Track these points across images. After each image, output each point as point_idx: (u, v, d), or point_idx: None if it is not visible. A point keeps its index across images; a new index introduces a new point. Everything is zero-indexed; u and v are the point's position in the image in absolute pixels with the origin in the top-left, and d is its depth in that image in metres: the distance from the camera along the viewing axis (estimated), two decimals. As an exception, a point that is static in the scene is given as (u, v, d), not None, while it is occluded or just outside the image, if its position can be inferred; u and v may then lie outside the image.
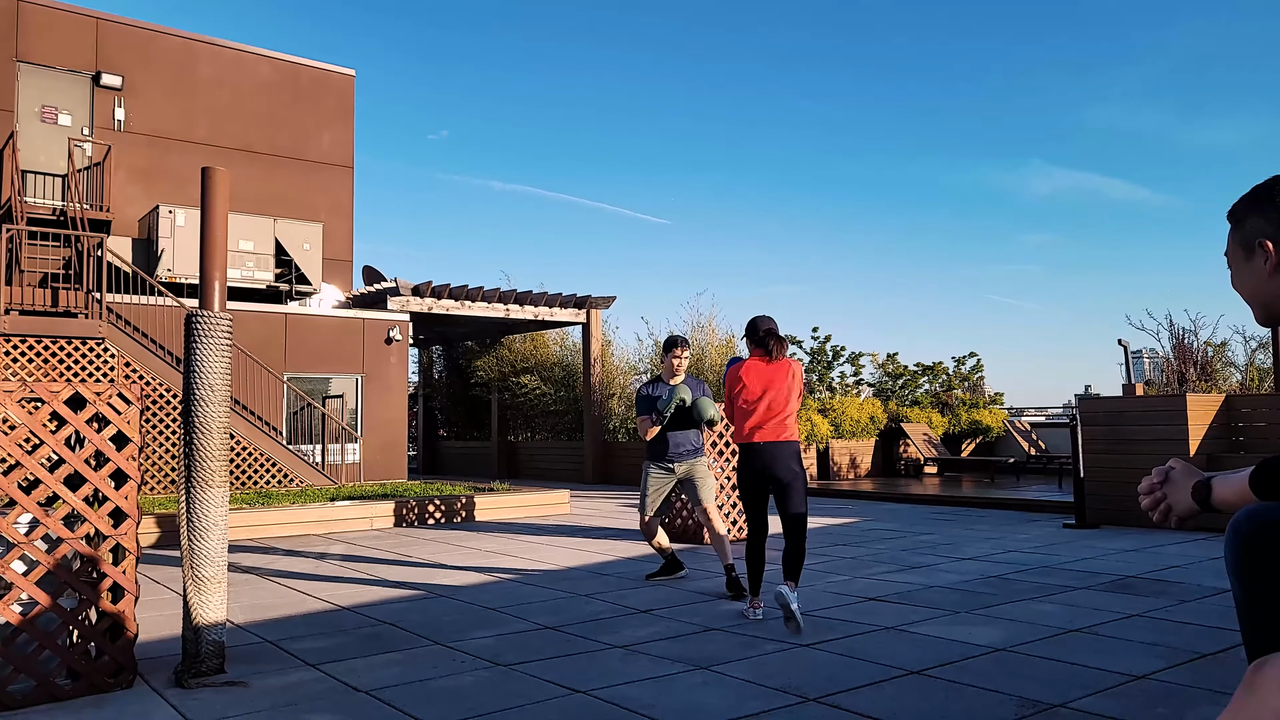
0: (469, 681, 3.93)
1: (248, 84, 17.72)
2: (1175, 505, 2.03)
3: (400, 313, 15.95)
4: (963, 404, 18.18)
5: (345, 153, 18.81)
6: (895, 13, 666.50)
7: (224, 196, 4.42)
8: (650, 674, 4.01)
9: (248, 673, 4.07)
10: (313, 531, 9.52)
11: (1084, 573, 6.51)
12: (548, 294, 17.71)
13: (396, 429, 15.73)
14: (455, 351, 22.73)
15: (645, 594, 5.95)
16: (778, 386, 5.14)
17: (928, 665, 4.08)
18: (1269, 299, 2.01)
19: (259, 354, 13.96)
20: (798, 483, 5.08)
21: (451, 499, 10.73)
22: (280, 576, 6.79)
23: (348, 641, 4.69)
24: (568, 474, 18.48)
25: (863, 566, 6.93)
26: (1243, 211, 2.05)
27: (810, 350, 18.41)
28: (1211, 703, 3.48)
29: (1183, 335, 15.79)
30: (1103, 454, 9.62)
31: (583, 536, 9.08)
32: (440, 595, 5.98)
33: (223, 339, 4.21)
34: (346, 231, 18.61)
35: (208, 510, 4.05)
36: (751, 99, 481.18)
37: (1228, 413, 9.65)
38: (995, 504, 11.66)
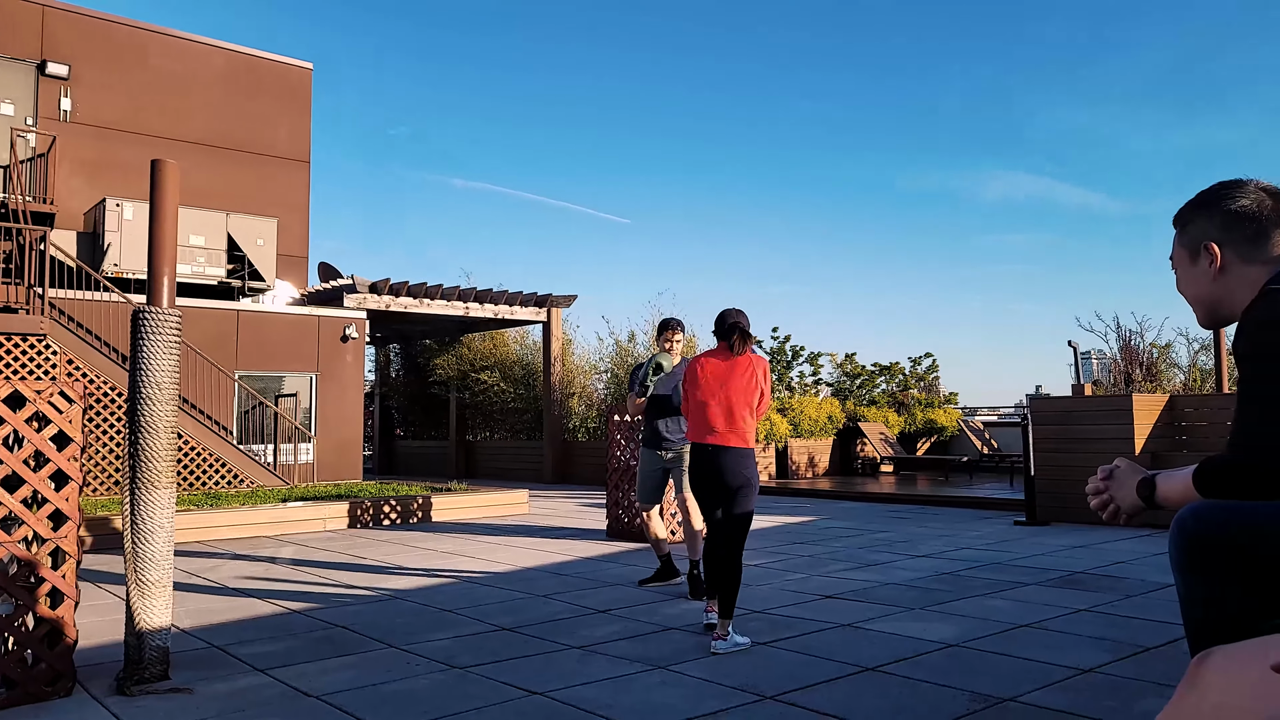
0: (423, 685, 3.88)
1: (201, 76, 17.38)
2: (1121, 503, 2.07)
3: (357, 310, 15.75)
4: (918, 403, 18.41)
5: (301, 147, 18.53)
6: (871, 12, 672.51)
7: (174, 190, 4.31)
8: (608, 674, 4.00)
9: (193, 679, 3.98)
10: (263, 533, 9.36)
11: (1034, 569, 6.62)
12: (508, 292, 17.60)
13: (351, 428, 15.53)
14: (413, 350, 22.52)
15: (603, 594, 5.93)
16: (736, 385, 4.77)
17: (883, 661, 4.12)
18: (1213, 301, 2.05)
19: (210, 352, 13.70)
20: (746, 489, 4.69)
21: (407, 499, 10.62)
22: (229, 580, 6.66)
23: (298, 645, 4.61)
24: (527, 474, 18.39)
25: (820, 564, 6.98)
26: (1188, 216, 2.09)
27: (770, 350, 18.53)
28: (1156, 695, 3.55)
29: (1129, 337, 16.14)
30: (1052, 452, 9.79)
31: (541, 537, 9.03)
32: (394, 597, 5.91)
33: (171, 336, 4.11)
34: (302, 227, 18.33)
35: (153, 512, 3.95)
36: (715, 97, 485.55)
37: (1171, 412, 9.88)
38: (949, 502, 11.82)
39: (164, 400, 4.04)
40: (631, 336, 18.26)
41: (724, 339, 4.86)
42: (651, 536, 6.37)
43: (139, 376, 4.03)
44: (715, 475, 4.72)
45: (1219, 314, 2.06)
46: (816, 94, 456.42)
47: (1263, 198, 1.97)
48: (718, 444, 4.72)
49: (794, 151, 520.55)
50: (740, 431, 4.73)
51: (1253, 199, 1.97)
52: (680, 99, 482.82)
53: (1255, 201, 1.96)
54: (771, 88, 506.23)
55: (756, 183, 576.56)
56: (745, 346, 4.83)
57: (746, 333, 4.84)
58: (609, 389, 18.32)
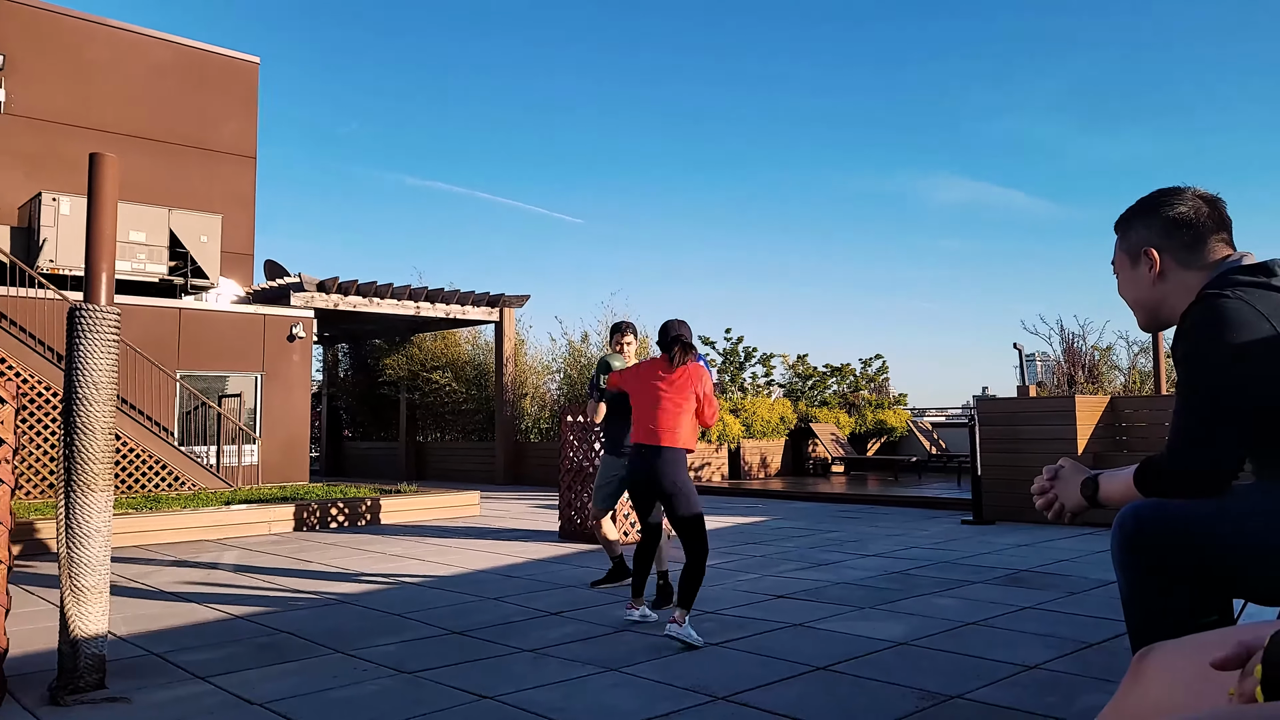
0: (371, 690, 3.82)
1: (144, 68, 16.97)
2: (1066, 502, 2.11)
3: (304, 309, 15.49)
4: (869, 404, 18.64)
5: (248, 142, 18.19)
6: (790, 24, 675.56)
7: (113, 184, 4.19)
8: (560, 677, 3.97)
9: (131, 688, 3.87)
10: (206, 537, 9.15)
11: (981, 567, 6.73)
12: (460, 292, 17.46)
13: (298, 429, 15.27)
14: (362, 349, 22.22)
15: (556, 596, 5.89)
16: (673, 396, 4.83)
17: (834, 660, 4.15)
18: (1152, 305, 2.10)
19: (150, 351, 13.37)
20: (679, 494, 4.72)
21: (356, 501, 10.46)
22: (169, 585, 6.50)
23: (241, 652, 4.51)
24: (478, 475, 18.25)
25: (771, 564, 7.02)
26: (1129, 222, 2.13)
27: (723, 351, 18.62)
28: (1098, 690, 3.63)
29: (1072, 340, 16.55)
30: (999, 453, 9.97)
31: (493, 539, 8.96)
32: (341, 601, 5.81)
33: (109, 334, 3.99)
34: (248, 224, 17.99)
35: (89, 516, 3.83)
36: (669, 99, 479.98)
37: (1113, 413, 10.13)
38: (898, 501, 11.98)
39: (101, 400, 3.93)
40: (585, 337, 18.24)
41: (665, 351, 4.94)
42: (603, 539, 6.36)
43: (75, 376, 3.91)
44: (648, 480, 4.80)
45: (1158, 317, 2.11)
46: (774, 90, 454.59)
47: (1200, 205, 2.02)
48: (650, 445, 4.80)
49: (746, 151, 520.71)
50: (673, 433, 4.80)
51: (1190, 206, 2.02)
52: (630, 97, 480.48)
53: (1193, 209, 2.01)
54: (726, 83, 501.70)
55: (706, 183, 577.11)
56: (686, 358, 4.90)
57: (688, 345, 4.92)
58: (562, 390, 18.27)
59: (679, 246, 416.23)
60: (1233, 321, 1.79)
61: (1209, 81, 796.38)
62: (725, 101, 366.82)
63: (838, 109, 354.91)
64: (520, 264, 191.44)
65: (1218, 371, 1.80)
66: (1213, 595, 1.81)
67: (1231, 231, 2.03)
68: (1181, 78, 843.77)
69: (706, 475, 15.68)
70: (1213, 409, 1.81)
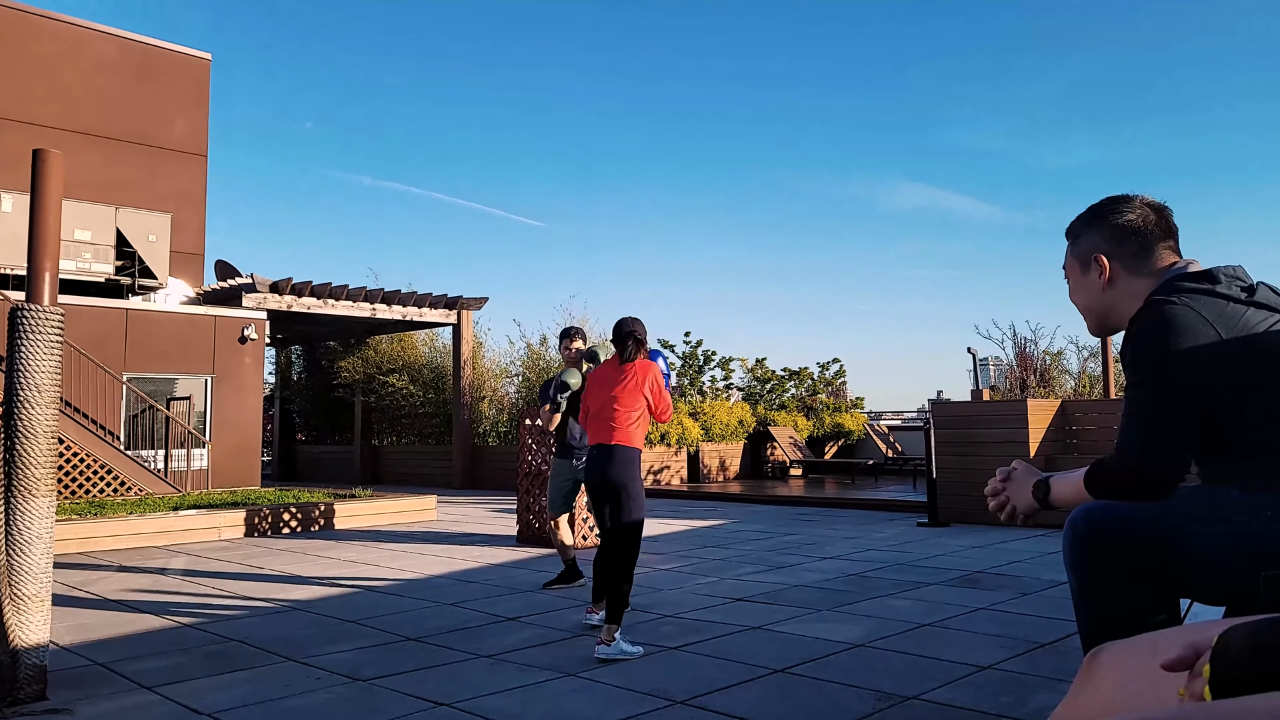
0: (324, 699, 3.75)
1: (91, 64, 16.59)
2: (1018, 504, 2.14)
3: (256, 310, 15.23)
4: (826, 408, 18.80)
5: (198, 140, 17.85)
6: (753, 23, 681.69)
7: (58, 181, 4.08)
8: (518, 683, 3.93)
9: (74, 699, 3.76)
10: (153, 544, 8.95)
11: (936, 569, 6.81)
12: (417, 294, 17.29)
13: (250, 433, 15.00)
14: (317, 352, 21.90)
15: (513, 601, 5.85)
16: (622, 391, 4.81)
17: (792, 663, 4.16)
18: (1102, 311, 2.14)
19: (95, 352, 13.05)
20: (625, 494, 4.66)
21: (309, 506, 10.30)
22: (114, 593, 6.34)
23: (189, 661, 4.41)
24: (435, 479, 18.08)
25: (730, 567, 7.04)
26: (1079, 229, 2.17)
27: (682, 355, 18.66)
28: (1050, 690, 3.68)
29: (1024, 344, 16.83)
30: (953, 456, 10.10)
31: (449, 543, 8.88)
32: (294, 608, 5.71)
33: (52, 335, 3.88)
34: (198, 223, 17.66)
35: (30, 522, 3.72)
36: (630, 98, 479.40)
37: (1063, 417, 10.32)
38: (855, 504, 12.09)
39: (44, 403, 3.82)
40: (543, 340, 18.17)
41: (618, 348, 4.93)
42: (558, 542, 6.36)
43: (16, 378, 3.80)
44: (601, 477, 4.77)
45: (1108, 323, 2.15)
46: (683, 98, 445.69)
47: (1148, 213, 2.06)
48: (601, 443, 4.79)
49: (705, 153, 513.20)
50: (623, 430, 4.77)
51: (1138, 214, 2.06)
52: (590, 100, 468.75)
53: (1141, 216, 2.06)
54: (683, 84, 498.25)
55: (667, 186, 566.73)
56: (637, 354, 4.88)
57: (640, 341, 4.89)
58: (520, 393, 18.18)
59: (639, 250, 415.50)
60: (1179, 327, 1.83)
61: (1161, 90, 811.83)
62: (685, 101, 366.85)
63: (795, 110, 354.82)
64: (478, 266, 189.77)
65: (1164, 376, 1.84)
66: (1161, 596, 1.85)
67: (1178, 239, 2.08)
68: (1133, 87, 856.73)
69: (665, 479, 15.70)
70: (1160, 412, 1.85)
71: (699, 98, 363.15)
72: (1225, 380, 1.82)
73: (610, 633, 4.35)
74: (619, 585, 4.50)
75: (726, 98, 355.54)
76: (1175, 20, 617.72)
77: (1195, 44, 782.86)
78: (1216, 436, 1.87)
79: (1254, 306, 1.88)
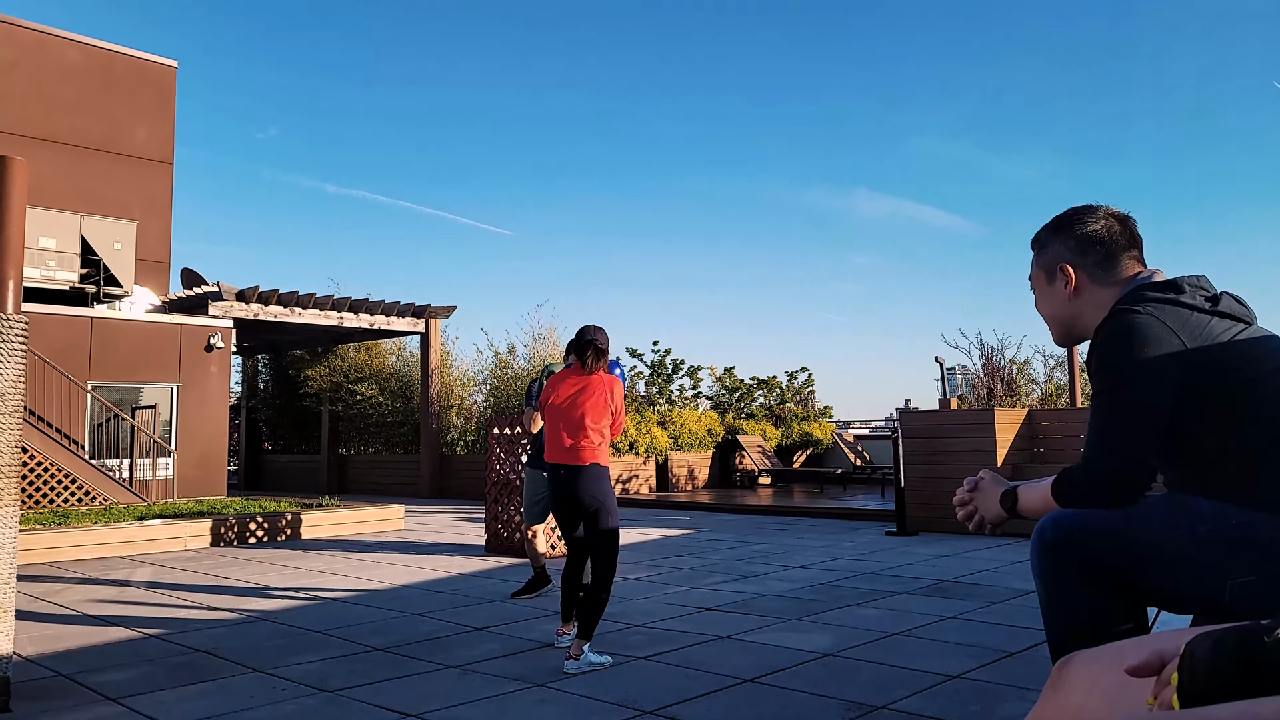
0: (290, 710, 3.71)
1: (52, 69, 16.33)
2: (986, 514, 2.15)
3: (223, 319, 15.05)
4: (795, 417, 18.88)
5: (164, 147, 17.63)
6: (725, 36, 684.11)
7: (22, 188, 4.03)
8: (486, 694, 3.91)
9: (37, 710, 3.69)
10: (117, 554, 8.80)
11: (904, 578, 6.86)
12: (384, 302, 17.16)
13: (216, 442, 14.80)
14: (283, 360, 21.66)
15: (481, 611, 5.82)
16: (585, 404, 4.61)
17: (761, 673, 4.18)
18: (1067, 320, 2.17)
19: (59, 360, 12.82)
20: (603, 510, 4.55)
21: (275, 516, 10.18)
22: (78, 604, 6.23)
23: (154, 671, 4.34)
24: (403, 488, 17.94)
25: (699, 577, 7.05)
26: (1045, 239, 2.20)
27: (651, 363, 18.66)
28: (1019, 699, 3.72)
29: (991, 354, 17.02)
30: (921, 464, 10.19)
31: (417, 553, 8.81)
32: (260, 619, 5.64)
33: (16, 343, 3.82)
34: (164, 231, 17.41)
35: (-9, 533, 3.65)
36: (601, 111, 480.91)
37: (1030, 426, 10.45)
38: (824, 513, 12.16)
39: (7, 412, 3.75)
40: (511, 348, 18.11)
41: (578, 356, 4.74)
42: (531, 549, 6.34)
43: (-23, 387, 3.73)
44: (570, 498, 4.61)
45: (1073, 332, 2.18)
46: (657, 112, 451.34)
47: (1112, 223, 2.09)
48: (569, 463, 4.60)
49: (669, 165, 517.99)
50: (591, 449, 4.60)
51: (1103, 224, 2.09)
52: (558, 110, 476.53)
53: (1105, 227, 2.08)
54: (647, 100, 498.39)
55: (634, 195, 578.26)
56: (598, 364, 4.71)
57: (601, 350, 4.71)
58: (488, 401, 18.08)
59: (606, 258, 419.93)
60: (1144, 336, 1.86)
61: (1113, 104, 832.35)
62: (649, 113, 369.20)
63: (761, 124, 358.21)
64: (446, 275, 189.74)
65: (1130, 384, 1.86)
66: (1129, 604, 1.87)
67: (1142, 249, 2.11)
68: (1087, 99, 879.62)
69: (634, 488, 15.68)
70: (1125, 420, 1.87)
71: (661, 109, 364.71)
72: (1189, 388, 1.85)
73: (579, 647, 4.31)
74: (597, 594, 4.45)
75: (685, 109, 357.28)
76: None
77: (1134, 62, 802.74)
78: (1181, 444, 1.89)
79: (1218, 316, 1.91)
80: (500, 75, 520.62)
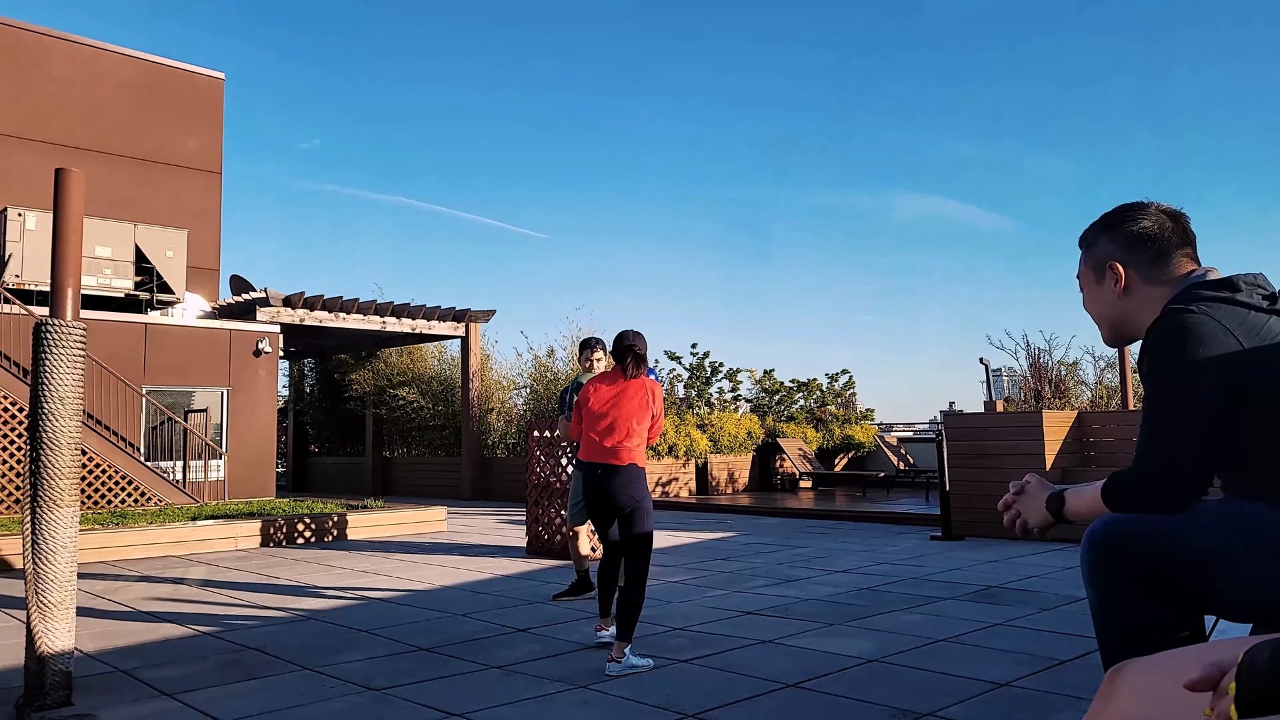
0: (338, 708, 3.77)
1: (107, 83, 16.78)
2: (1031, 518, 2.10)
3: (270, 324, 15.33)
4: (836, 420, 18.73)
5: (212, 157, 18.02)
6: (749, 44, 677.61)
7: (79, 199, 4.14)
8: (528, 694, 3.95)
9: (97, 704, 3.80)
10: (172, 553, 9.00)
11: (950, 583, 6.78)
12: (425, 307, 17.36)
13: (264, 444, 15.08)
14: (328, 365, 22.01)
15: (523, 612, 5.86)
16: (625, 407, 4.67)
17: (803, 677, 4.16)
18: (1117, 320, 2.12)
19: (116, 366, 13.16)
20: (639, 511, 4.58)
21: (322, 517, 10.34)
22: (135, 601, 6.38)
23: (207, 668, 4.44)
24: (445, 490, 18.11)
25: (740, 580, 7.03)
26: (1093, 237, 2.15)
27: (689, 366, 18.63)
28: (1070, 708, 3.66)
29: (1038, 355, 16.75)
30: (966, 468, 10.05)
31: (459, 554, 8.90)
32: (308, 617, 5.74)
33: (75, 349, 3.94)
34: (213, 239, 17.82)
35: (55, 531, 3.77)
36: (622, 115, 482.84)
37: (1080, 428, 10.26)
38: (866, 517, 12.05)
39: (67, 416, 3.87)
40: (550, 351, 18.20)
41: (618, 361, 4.81)
42: (574, 551, 6.38)
43: (41, 391, 3.85)
44: (606, 497, 4.65)
45: (1124, 332, 2.13)
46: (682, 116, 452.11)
47: (1164, 220, 2.03)
48: (607, 463, 4.64)
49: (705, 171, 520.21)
50: (630, 451, 4.65)
51: (1154, 221, 2.03)
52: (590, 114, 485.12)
53: (1156, 223, 2.03)
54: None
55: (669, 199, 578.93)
56: (638, 370, 4.77)
57: (640, 356, 4.77)
58: (528, 404, 18.20)
59: (644, 261, 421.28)
60: (1199, 336, 1.80)
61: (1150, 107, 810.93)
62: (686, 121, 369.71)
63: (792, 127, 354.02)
64: (485, 278, 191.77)
65: (1184, 386, 1.81)
66: (1184, 612, 1.82)
67: (1196, 246, 2.04)
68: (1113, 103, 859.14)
69: (674, 490, 15.68)
70: (1180, 423, 1.82)
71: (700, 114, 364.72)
72: (1247, 390, 1.79)
73: (620, 649, 4.34)
74: (631, 598, 4.47)
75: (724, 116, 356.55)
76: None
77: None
78: (1238, 447, 1.83)
79: (1276, 315, 1.85)
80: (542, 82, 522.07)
